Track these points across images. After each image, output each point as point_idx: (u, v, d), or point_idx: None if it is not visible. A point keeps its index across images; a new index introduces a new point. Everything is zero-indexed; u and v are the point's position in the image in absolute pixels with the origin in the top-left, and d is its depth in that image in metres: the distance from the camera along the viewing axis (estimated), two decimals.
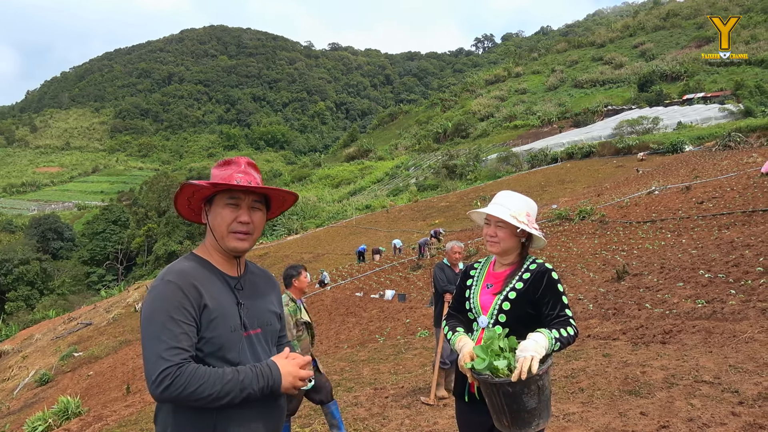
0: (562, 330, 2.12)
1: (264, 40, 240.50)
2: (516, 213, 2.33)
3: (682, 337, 6.76)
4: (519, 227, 2.30)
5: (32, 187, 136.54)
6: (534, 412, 2.00)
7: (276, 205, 1.97)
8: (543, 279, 2.27)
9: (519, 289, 2.29)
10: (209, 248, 1.86)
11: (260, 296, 1.92)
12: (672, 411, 4.13)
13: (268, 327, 1.91)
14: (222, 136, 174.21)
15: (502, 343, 2.07)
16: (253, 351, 1.81)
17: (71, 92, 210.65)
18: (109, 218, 77.53)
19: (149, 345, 1.61)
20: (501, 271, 2.41)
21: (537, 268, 2.31)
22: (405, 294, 18.18)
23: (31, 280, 60.94)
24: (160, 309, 1.64)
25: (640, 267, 11.67)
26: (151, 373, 1.58)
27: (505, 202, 2.37)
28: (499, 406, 2.03)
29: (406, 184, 65.16)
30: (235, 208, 1.80)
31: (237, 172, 1.81)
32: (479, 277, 2.47)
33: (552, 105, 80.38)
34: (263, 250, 45.37)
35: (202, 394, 1.59)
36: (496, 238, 2.35)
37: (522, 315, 2.27)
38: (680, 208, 17.15)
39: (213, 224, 1.81)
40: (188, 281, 1.70)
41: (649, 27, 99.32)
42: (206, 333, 1.69)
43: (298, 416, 6.09)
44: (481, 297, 2.39)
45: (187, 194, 1.81)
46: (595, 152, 47.06)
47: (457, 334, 2.35)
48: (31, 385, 24.47)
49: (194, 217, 1.91)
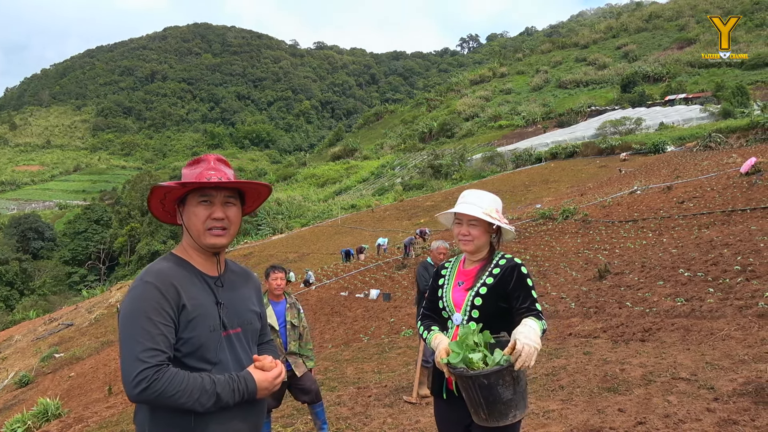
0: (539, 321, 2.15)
1: (249, 38, 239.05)
2: (488, 210, 2.37)
3: (661, 335, 6.86)
4: (494, 224, 2.36)
5: (12, 186, 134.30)
6: (510, 403, 2.03)
7: (251, 199, 1.95)
8: (513, 273, 2.31)
9: (489, 284, 2.33)
10: (187, 248, 1.85)
11: (240, 295, 1.91)
12: (649, 407, 4.19)
13: (249, 326, 1.90)
14: (206, 134, 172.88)
15: (477, 338, 2.11)
16: (233, 351, 1.80)
17: (52, 90, 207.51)
18: (91, 217, 76.71)
19: (127, 346, 1.61)
20: (471, 268, 2.45)
21: (506, 263, 2.36)
22: (390, 293, 18.20)
23: (11, 280, 60.11)
24: (138, 310, 1.64)
25: (621, 266, 11.80)
26: (128, 375, 1.57)
27: (475, 201, 2.41)
28: (476, 399, 2.06)
29: (392, 183, 65.27)
30: (209, 206, 1.79)
31: (207, 170, 1.79)
32: (450, 276, 2.51)
33: (536, 105, 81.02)
34: (248, 250, 45.15)
35: (178, 401, 1.59)
36: (470, 236, 2.38)
37: (494, 309, 2.31)
38: (661, 208, 17.37)
39: (188, 224, 1.80)
40: (167, 281, 1.69)
41: (632, 28, 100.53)
42: (185, 333, 1.69)
43: (281, 416, 6.08)
44: (453, 294, 2.43)
45: (158, 197, 1.80)
46: (578, 152, 47.53)
47: (432, 333, 2.40)
48: (10, 387, 24.10)
49: (169, 218, 1.90)
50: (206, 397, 1.63)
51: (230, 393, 1.68)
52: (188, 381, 1.61)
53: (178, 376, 1.61)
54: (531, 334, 2.02)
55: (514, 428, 2.21)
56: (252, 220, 61.24)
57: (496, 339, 2.16)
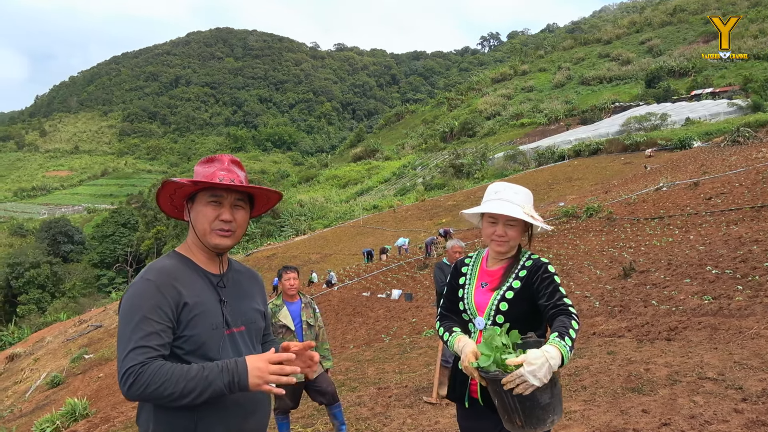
0: (570, 331, 1.95)
1: (270, 41, 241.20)
2: (528, 209, 2.20)
3: (688, 334, 6.70)
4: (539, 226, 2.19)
5: (42, 191, 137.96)
6: (548, 407, 1.90)
7: (260, 203, 1.94)
8: (538, 272, 2.17)
9: (516, 288, 2.17)
10: (191, 246, 1.85)
11: (244, 294, 1.90)
12: (674, 408, 4.09)
13: (253, 325, 1.89)
14: (229, 137, 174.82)
15: (504, 340, 1.97)
16: (236, 349, 1.79)
17: (80, 96, 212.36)
18: (119, 221, 78.10)
19: (121, 344, 1.61)
20: (496, 268, 2.27)
21: (533, 264, 2.20)
22: (411, 293, 18.17)
23: (42, 283, 61.43)
24: (135, 307, 1.64)
25: (647, 264, 11.59)
26: (119, 372, 1.58)
27: (513, 199, 2.21)
28: (511, 405, 1.90)
29: (413, 183, 65.14)
30: (218, 206, 1.78)
31: (220, 170, 1.79)
32: (472, 275, 2.33)
33: (559, 102, 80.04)
34: (271, 251, 45.51)
35: (165, 392, 1.56)
36: (506, 237, 2.19)
37: (520, 314, 2.15)
38: (688, 204, 17.02)
39: (195, 222, 1.80)
40: (167, 280, 1.69)
41: (656, 23, 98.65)
42: (186, 331, 1.68)
43: (301, 416, 6.10)
44: (476, 297, 2.25)
45: (169, 191, 1.80)
46: (602, 149, 46.84)
47: (455, 335, 2.21)
48: (42, 388, 24.66)
49: (177, 213, 1.90)
50: (194, 383, 1.57)
51: (219, 374, 1.59)
52: (174, 369, 1.58)
53: (163, 367, 1.58)
54: (541, 370, 1.80)
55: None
56: (275, 222, 61.75)
57: (524, 340, 2.01)
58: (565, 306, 2.06)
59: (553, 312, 2.07)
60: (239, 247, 56.16)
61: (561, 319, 2.01)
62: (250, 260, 44.20)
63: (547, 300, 2.11)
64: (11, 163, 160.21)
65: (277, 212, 63.22)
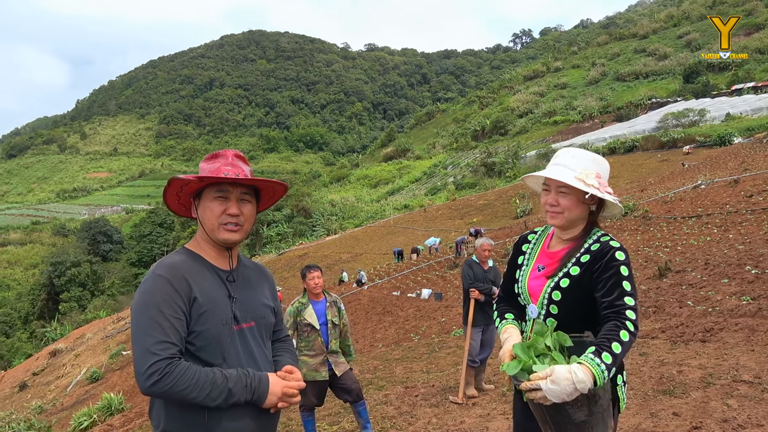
0: (614, 345, 1.67)
1: (301, 42, 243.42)
2: (583, 175, 1.88)
3: (724, 336, 6.49)
4: (588, 192, 1.87)
5: (83, 192, 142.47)
6: (584, 425, 1.67)
7: (266, 197, 1.95)
8: (604, 258, 1.83)
9: (574, 276, 1.88)
10: (200, 242, 1.87)
11: (253, 290, 1.91)
12: (706, 411, 3.97)
13: (262, 321, 1.90)
14: (262, 138, 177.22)
15: (549, 341, 1.74)
16: (245, 345, 1.80)
17: (118, 100, 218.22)
18: (155, 221, 79.94)
19: (139, 339, 1.62)
20: (557, 250, 1.99)
21: (600, 247, 1.87)
22: (441, 293, 18.09)
23: (83, 281, 63.35)
24: (149, 303, 1.65)
25: (683, 263, 11.28)
26: (140, 367, 1.59)
27: (568, 163, 1.93)
28: (543, 416, 1.74)
29: (444, 182, 64.88)
30: (224, 201, 1.80)
31: (225, 165, 1.81)
32: (531, 256, 2.07)
33: (593, 99, 78.57)
34: (303, 251, 45.93)
35: (189, 395, 1.60)
36: (558, 207, 1.92)
37: (576, 307, 1.87)
38: (728, 203, 16.51)
39: (202, 218, 1.82)
40: (178, 274, 1.70)
41: (695, 16, 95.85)
42: (196, 326, 1.70)
43: (327, 414, 6.14)
44: (530, 281, 2.00)
45: (175, 189, 1.82)
46: (638, 147, 45.82)
47: (504, 323, 2.03)
48: (82, 383, 25.44)
49: (184, 212, 1.92)
50: (217, 392, 1.63)
51: (242, 389, 1.68)
52: (199, 375, 1.62)
53: (190, 370, 1.62)
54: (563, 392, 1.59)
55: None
56: (307, 222, 62.33)
57: (577, 340, 1.77)
58: (622, 308, 1.76)
59: (606, 313, 1.79)
60: (272, 246, 56.97)
61: (609, 326, 1.75)
62: (282, 259, 44.72)
63: (604, 295, 1.80)
64: (54, 166, 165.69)
65: (309, 212, 63.82)
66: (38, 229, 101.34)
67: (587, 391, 1.63)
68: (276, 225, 62.50)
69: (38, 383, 30.47)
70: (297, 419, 5.53)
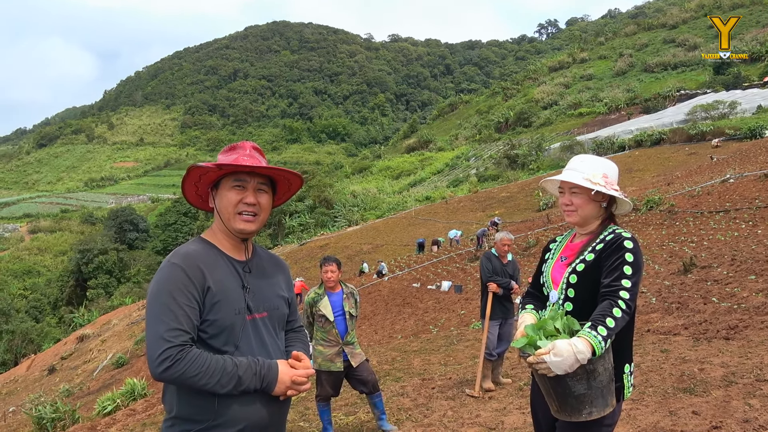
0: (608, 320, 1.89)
1: (325, 33, 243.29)
2: (590, 175, 2.15)
3: (748, 333, 6.35)
4: (594, 189, 2.12)
5: (110, 182, 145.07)
6: (583, 398, 1.86)
7: (282, 189, 1.98)
8: (613, 245, 2.08)
9: (589, 261, 2.12)
10: (216, 232, 1.89)
11: (268, 280, 1.93)
12: (727, 411, 3.89)
13: (276, 311, 1.92)
14: (285, 129, 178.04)
15: (559, 324, 1.94)
16: (258, 335, 1.83)
17: (144, 90, 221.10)
18: (180, 210, 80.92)
19: (152, 326, 1.66)
20: (578, 242, 2.26)
21: (613, 237, 2.12)
22: (461, 285, 18.04)
23: (110, 269, 64.53)
24: (163, 291, 1.69)
25: (709, 259, 11.06)
26: (152, 353, 1.62)
27: (578, 167, 2.20)
28: (547, 389, 1.93)
29: (467, 174, 64.48)
30: (241, 190, 1.83)
31: (242, 156, 1.84)
32: (557, 251, 2.34)
33: (620, 91, 77.04)
34: (324, 241, 46.16)
35: (200, 382, 1.64)
36: (572, 206, 2.19)
37: (591, 289, 2.09)
38: (757, 197, 16.10)
39: (219, 207, 1.85)
40: (193, 264, 1.73)
41: (726, 5, 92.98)
42: (210, 315, 1.73)
43: (344, 404, 6.17)
44: (553, 270, 2.27)
45: (194, 178, 1.86)
46: (665, 139, 44.89)
47: (524, 312, 2.27)
48: (109, 368, 26.04)
49: (201, 203, 1.96)
50: (227, 379, 1.67)
51: (252, 376, 1.71)
52: (210, 362, 1.66)
53: (201, 357, 1.65)
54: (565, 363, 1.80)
55: (599, 425, 1.99)
56: (328, 212, 62.56)
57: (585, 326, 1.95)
58: (617, 288, 1.97)
59: (603, 292, 2.01)
60: (294, 236, 57.37)
61: (603, 305, 1.96)
62: (303, 249, 45.00)
63: (605, 276, 2.03)
64: (82, 155, 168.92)
65: (331, 203, 64.06)
66: (67, 217, 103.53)
67: (587, 363, 1.82)
68: (298, 215, 62.87)
69: (66, 367, 31.28)
70: (314, 408, 5.58)
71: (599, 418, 1.95)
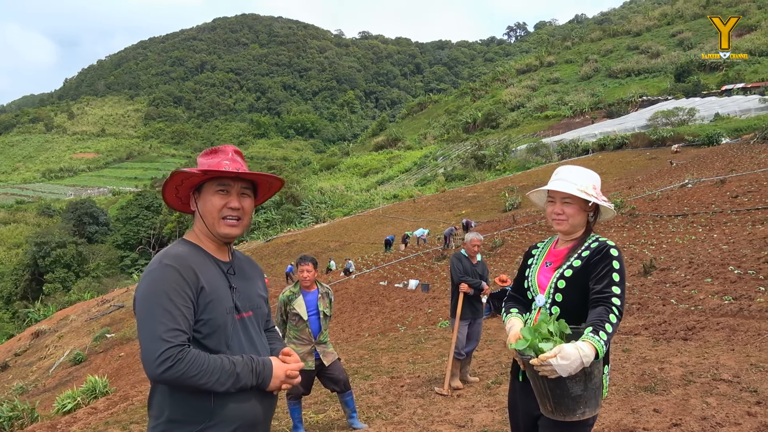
0: (606, 325, 1.97)
1: (295, 28, 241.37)
2: (584, 187, 2.24)
3: (705, 334, 6.61)
4: (590, 201, 2.21)
5: (69, 173, 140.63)
6: (579, 399, 1.92)
7: (262, 191, 1.99)
8: (600, 254, 2.17)
9: (576, 267, 2.19)
10: (199, 235, 1.89)
11: (249, 281, 1.96)
12: (686, 409, 4.06)
13: (258, 310, 1.96)
14: (252, 124, 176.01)
15: (552, 327, 1.99)
16: (247, 334, 1.86)
17: (107, 80, 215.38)
18: (143, 204, 79.16)
19: (148, 326, 1.65)
20: (562, 248, 2.32)
21: (598, 245, 2.21)
22: (429, 284, 18.19)
23: (68, 262, 62.62)
24: (158, 292, 1.68)
25: (668, 261, 11.42)
26: (150, 354, 1.61)
27: (569, 177, 2.28)
28: (543, 390, 1.97)
29: (434, 174, 64.94)
30: (225, 195, 1.83)
31: (224, 160, 1.84)
32: (540, 256, 2.40)
33: (585, 95, 78.84)
34: (291, 238, 45.85)
35: (199, 381, 1.65)
36: (563, 215, 2.26)
37: (578, 295, 2.17)
38: (713, 202, 16.71)
39: (203, 211, 1.84)
40: (186, 264, 1.74)
41: (688, 15, 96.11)
42: (203, 315, 1.74)
43: (314, 402, 6.18)
44: (539, 275, 2.32)
45: (176, 182, 1.84)
46: (628, 144, 46.15)
47: (509, 315, 2.32)
48: (66, 364, 25.33)
49: (181, 206, 1.94)
50: (225, 377, 1.69)
51: (249, 374, 1.74)
52: (209, 362, 1.67)
53: (200, 356, 1.66)
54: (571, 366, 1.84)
55: (584, 425, 2.09)
56: (296, 209, 62.14)
57: (575, 330, 2.00)
58: (609, 296, 2.06)
59: (595, 298, 2.09)
60: (260, 232, 56.78)
61: (598, 311, 2.03)
62: (269, 246, 44.63)
63: (595, 283, 2.11)
64: (40, 145, 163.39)
65: (298, 199, 63.62)
66: (23, 209, 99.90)
67: (588, 366, 1.88)
68: (264, 211, 62.24)
69: (20, 364, 30.30)
70: (283, 406, 5.57)
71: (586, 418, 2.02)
